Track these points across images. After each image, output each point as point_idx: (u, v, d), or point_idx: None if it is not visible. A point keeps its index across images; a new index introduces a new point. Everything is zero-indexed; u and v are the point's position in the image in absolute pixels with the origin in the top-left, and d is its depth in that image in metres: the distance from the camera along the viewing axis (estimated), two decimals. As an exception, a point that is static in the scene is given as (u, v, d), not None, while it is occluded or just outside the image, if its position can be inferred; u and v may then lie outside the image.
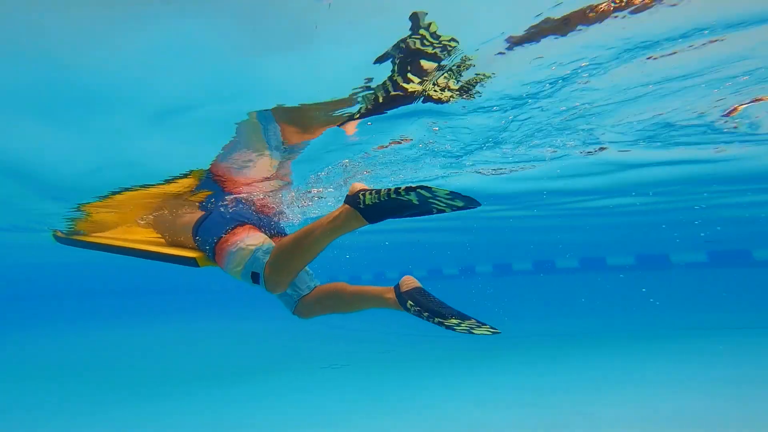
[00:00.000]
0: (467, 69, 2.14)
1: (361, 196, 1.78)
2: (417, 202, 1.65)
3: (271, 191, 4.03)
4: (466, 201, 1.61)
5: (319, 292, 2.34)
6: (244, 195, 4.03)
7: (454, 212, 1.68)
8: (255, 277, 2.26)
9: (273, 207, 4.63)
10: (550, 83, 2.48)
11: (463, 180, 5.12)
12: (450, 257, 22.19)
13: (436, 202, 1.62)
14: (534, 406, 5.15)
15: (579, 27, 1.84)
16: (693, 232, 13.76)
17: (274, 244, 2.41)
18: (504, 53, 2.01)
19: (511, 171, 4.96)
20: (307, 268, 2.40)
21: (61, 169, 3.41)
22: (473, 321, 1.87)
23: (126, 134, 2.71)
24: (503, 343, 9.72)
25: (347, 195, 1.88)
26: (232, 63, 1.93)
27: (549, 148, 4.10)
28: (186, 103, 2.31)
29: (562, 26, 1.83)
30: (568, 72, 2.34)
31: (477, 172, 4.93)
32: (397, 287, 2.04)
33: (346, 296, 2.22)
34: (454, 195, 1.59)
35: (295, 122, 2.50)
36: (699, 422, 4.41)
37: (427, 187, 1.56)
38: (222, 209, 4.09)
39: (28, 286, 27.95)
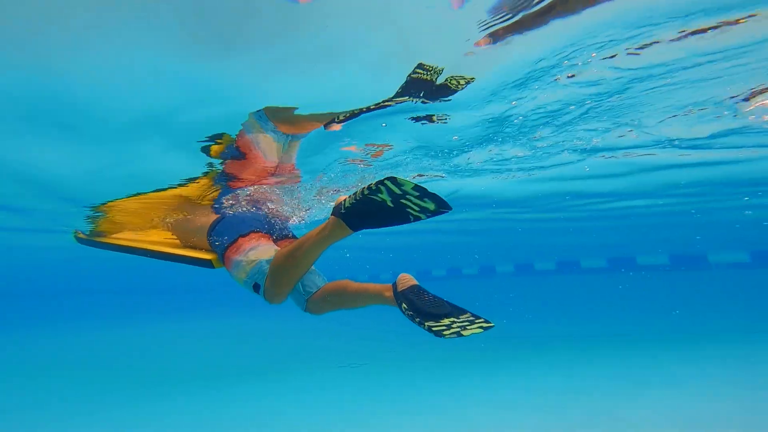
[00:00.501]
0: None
1: (343, 202, 1.91)
2: (391, 203, 1.72)
3: (282, 185, 4.04)
4: (437, 202, 1.66)
5: (325, 290, 2.45)
6: (256, 194, 4.12)
7: (431, 217, 1.73)
8: (256, 288, 2.41)
9: (283, 210, 4.71)
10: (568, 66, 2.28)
11: (480, 184, 5.06)
12: (468, 257, 21.96)
13: (408, 202, 1.69)
14: (555, 408, 5.02)
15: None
16: (731, 233, 13.06)
17: (275, 248, 2.56)
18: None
19: (530, 174, 4.84)
20: (313, 268, 2.52)
21: (63, 173, 3.56)
22: (468, 315, 1.87)
23: (127, 140, 2.83)
24: (523, 345, 9.55)
25: (333, 207, 1.98)
26: (215, 68, 1.98)
27: (566, 153, 3.97)
28: (176, 106, 2.34)
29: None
30: (589, 58, 2.16)
31: (495, 177, 4.84)
32: (394, 285, 2.09)
33: (349, 293, 2.31)
34: (421, 192, 1.64)
35: (287, 120, 2.61)
36: (711, 425, 4.28)
37: (393, 177, 1.64)
38: (235, 213, 4.17)
39: (28, 286, 29.16)
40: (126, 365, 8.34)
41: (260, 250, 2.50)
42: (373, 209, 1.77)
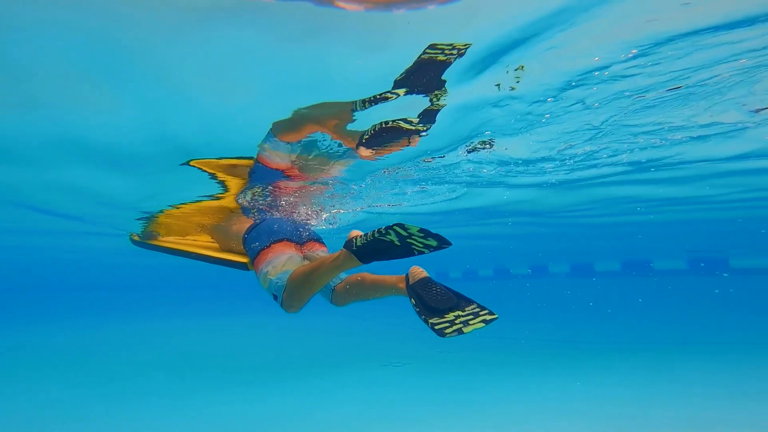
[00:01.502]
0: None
1: (355, 240, 2.11)
2: (398, 242, 1.93)
3: (309, 181, 4.12)
4: (438, 240, 1.85)
5: (347, 282, 2.67)
6: (288, 200, 4.34)
7: (433, 251, 1.90)
8: (275, 298, 2.70)
9: (310, 213, 4.97)
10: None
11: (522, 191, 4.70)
12: (520, 256, 20.95)
13: (414, 241, 1.89)
14: (612, 418, 4.67)
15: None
16: None
17: (298, 256, 2.88)
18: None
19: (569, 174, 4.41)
20: None
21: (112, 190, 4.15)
22: (474, 306, 1.98)
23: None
24: (576, 350, 9.06)
25: (345, 241, 2.18)
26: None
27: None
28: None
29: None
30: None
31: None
32: (407, 278, 2.24)
33: (367, 285, 2.52)
34: (425, 233, 1.84)
35: (287, 128, 2.77)
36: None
37: (401, 224, 1.86)
38: (266, 219, 4.33)
39: (83, 282, 31.90)
40: (184, 358, 9.05)
41: (282, 262, 2.77)
42: (381, 247, 2.00)
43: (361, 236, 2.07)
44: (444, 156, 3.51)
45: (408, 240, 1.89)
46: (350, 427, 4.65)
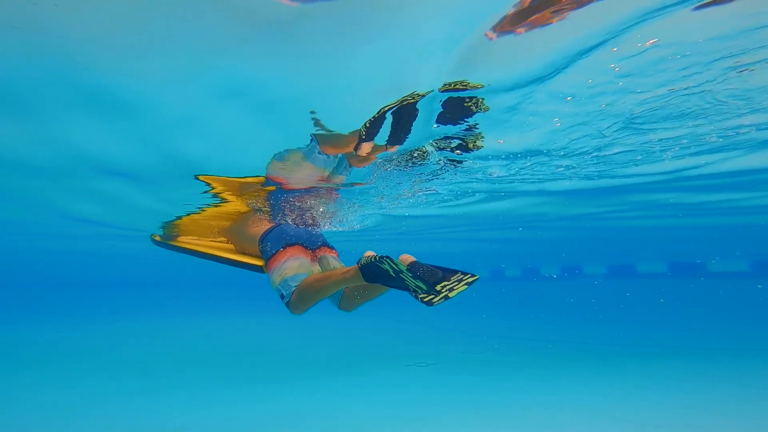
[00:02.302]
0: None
1: (363, 259, 2.33)
2: (393, 274, 2.14)
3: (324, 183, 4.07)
4: (427, 285, 2.06)
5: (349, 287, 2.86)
6: (302, 204, 4.42)
7: (424, 293, 2.09)
8: (282, 297, 2.90)
9: (322, 215, 5.10)
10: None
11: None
12: (552, 257, 20.08)
13: (405, 278, 2.09)
14: (647, 425, 4.32)
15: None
16: None
17: (309, 262, 3.10)
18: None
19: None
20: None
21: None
22: (458, 274, 2.23)
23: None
24: (610, 353, 8.64)
25: (360, 258, 2.39)
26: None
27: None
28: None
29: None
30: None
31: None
32: None
33: (367, 285, 2.63)
34: (413, 273, 2.06)
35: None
36: None
37: (390, 258, 2.10)
38: (280, 224, 4.35)
39: (109, 279, 33.03)
40: (204, 355, 9.21)
41: (293, 266, 2.96)
42: (380, 273, 2.22)
43: (368, 257, 2.25)
44: (430, 151, 3.29)
45: (401, 275, 2.09)
46: (373, 428, 4.61)
